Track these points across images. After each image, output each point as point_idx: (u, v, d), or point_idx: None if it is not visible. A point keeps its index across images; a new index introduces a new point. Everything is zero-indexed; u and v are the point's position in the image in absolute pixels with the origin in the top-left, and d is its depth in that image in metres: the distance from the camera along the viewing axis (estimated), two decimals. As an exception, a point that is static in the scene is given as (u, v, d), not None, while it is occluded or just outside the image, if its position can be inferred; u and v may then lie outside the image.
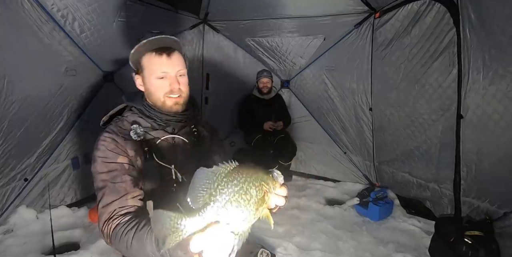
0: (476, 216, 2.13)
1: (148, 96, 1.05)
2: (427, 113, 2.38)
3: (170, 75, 1.01)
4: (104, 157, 0.95)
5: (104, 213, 0.88)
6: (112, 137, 0.98)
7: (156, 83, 1.01)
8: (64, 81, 2.27)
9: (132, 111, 1.07)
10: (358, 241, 2.33)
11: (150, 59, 1.00)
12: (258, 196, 0.57)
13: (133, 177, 0.95)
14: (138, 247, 0.76)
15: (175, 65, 1.01)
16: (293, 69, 3.62)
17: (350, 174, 3.36)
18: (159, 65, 0.99)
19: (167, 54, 1.00)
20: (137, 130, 1.00)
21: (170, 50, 1.01)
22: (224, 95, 3.74)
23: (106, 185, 0.92)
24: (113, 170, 0.94)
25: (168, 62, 1.00)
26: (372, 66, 2.82)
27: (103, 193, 0.91)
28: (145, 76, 1.03)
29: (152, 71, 1.01)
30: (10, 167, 2.15)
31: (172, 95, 1.01)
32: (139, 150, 0.99)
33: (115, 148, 0.97)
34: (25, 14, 1.82)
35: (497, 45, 1.79)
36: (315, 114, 3.59)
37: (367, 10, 2.67)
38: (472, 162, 2.10)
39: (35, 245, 2.09)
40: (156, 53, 0.99)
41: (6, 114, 1.95)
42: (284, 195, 0.63)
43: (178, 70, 1.02)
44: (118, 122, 1.04)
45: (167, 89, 1.01)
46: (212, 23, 3.30)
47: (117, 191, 0.91)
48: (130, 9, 2.30)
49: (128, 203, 0.90)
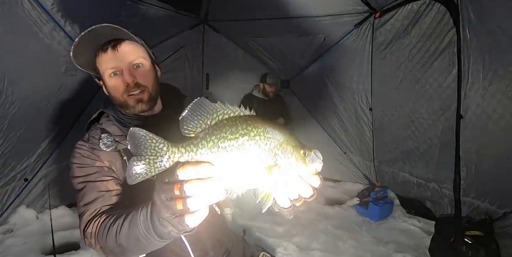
0: (476, 216, 2.13)
1: (112, 100, 0.92)
2: (427, 113, 2.38)
3: (121, 69, 0.87)
4: (80, 163, 0.88)
5: (86, 211, 0.79)
6: (85, 145, 0.91)
7: (110, 83, 0.88)
8: (64, 81, 2.27)
9: (107, 117, 0.96)
10: (358, 241, 2.33)
11: (99, 59, 0.88)
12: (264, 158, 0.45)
13: (114, 178, 0.87)
14: (129, 230, 0.63)
15: (124, 56, 0.87)
16: (293, 69, 3.62)
17: (350, 174, 3.36)
18: (106, 62, 0.87)
19: (112, 46, 0.86)
20: (104, 140, 0.88)
21: (115, 42, 0.87)
22: (224, 95, 3.75)
23: (86, 185, 0.84)
24: (92, 173, 0.86)
25: (114, 55, 0.86)
26: (372, 66, 2.82)
27: (83, 193, 0.83)
28: (103, 79, 0.90)
29: (103, 71, 0.88)
30: (10, 167, 2.15)
31: (132, 92, 0.87)
32: (115, 161, 0.89)
33: (90, 155, 0.89)
34: (25, 14, 1.82)
35: (497, 45, 1.79)
36: (315, 114, 3.59)
37: (367, 10, 2.67)
38: (472, 162, 2.11)
39: (35, 245, 2.09)
40: (100, 50, 0.87)
41: (6, 114, 1.96)
42: (314, 185, 0.49)
43: (130, 61, 0.87)
44: (93, 130, 0.94)
45: (122, 87, 0.87)
46: (212, 23, 3.31)
47: (98, 188, 0.83)
48: (130, 9, 2.30)
49: (113, 200, 0.82)
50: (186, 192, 0.44)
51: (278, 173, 0.46)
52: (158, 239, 0.57)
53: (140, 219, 0.59)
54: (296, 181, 0.48)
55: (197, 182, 0.44)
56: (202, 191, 0.44)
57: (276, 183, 0.47)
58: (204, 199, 0.45)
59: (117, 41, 0.87)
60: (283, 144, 0.46)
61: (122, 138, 0.91)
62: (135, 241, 0.62)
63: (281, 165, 0.46)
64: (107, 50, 0.86)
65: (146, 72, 0.90)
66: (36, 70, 2.06)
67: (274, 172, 0.45)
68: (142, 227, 0.58)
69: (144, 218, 0.58)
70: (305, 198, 0.49)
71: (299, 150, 0.47)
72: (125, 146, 0.89)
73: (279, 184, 0.47)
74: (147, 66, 0.91)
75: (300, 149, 0.47)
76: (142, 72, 0.89)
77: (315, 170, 0.49)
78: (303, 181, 0.48)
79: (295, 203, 0.50)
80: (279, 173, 0.46)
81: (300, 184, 0.48)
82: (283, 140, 0.47)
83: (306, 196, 0.49)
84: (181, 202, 0.45)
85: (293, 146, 0.47)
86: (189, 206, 0.45)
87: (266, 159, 0.45)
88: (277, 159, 0.46)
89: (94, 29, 0.82)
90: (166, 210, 0.48)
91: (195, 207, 0.45)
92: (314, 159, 0.48)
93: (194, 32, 3.25)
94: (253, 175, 0.46)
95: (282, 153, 0.46)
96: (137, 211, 0.61)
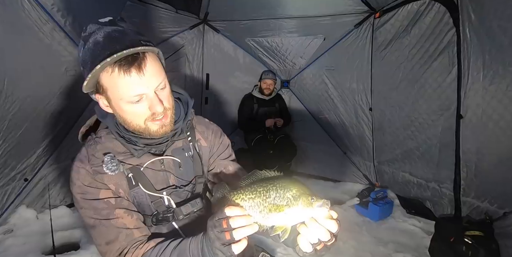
0: (476, 216, 2.13)
1: (121, 122, 0.78)
2: (426, 113, 2.38)
3: (147, 96, 0.72)
4: (82, 193, 0.79)
5: (112, 250, 0.76)
6: (85, 168, 0.80)
7: (131, 109, 0.73)
8: (64, 81, 2.27)
9: (107, 129, 0.85)
10: (358, 241, 2.33)
11: (113, 79, 0.69)
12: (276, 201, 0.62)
13: (125, 209, 0.81)
14: None
15: (150, 81, 0.71)
16: (293, 69, 3.62)
17: (350, 174, 3.36)
18: (129, 87, 0.69)
19: (137, 68, 0.68)
20: (109, 166, 0.77)
21: (138, 59, 0.68)
22: (224, 95, 3.75)
23: (100, 223, 0.78)
24: (100, 208, 0.78)
25: (140, 81, 0.69)
26: (372, 66, 2.82)
27: (99, 232, 0.78)
28: (111, 99, 0.74)
29: (120, 96, 0.71)
30: (10, 167, 2.14)
31: (157, 118, 0.75)
32: (121, 181, 0.82)
33: (92, 183, 0.79)
34: (25, 14, 1.82)
35: (497, 45, 1.79)
36: (315, 114, 3.59)
37: (367, 10, 2.68)
38: (472, 162, 2.11)
39: (35, 245, 2.09)
40: (120, 70, 0.67)
41: (6, 114, 1.95)
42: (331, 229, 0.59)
43: (157, 85, 0.72)
44: (91, 145, 0.82)
45: (147, 114, 0.74)
46: (212, 23, 3.31)
47: (115, 225, 0.77)
48: (131, 9, 2.30)
49: (135, 235, 0.78)
50: (231, 225, 0.60)
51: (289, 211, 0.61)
52: None
53: (190, 252, 0.69)
54: (313, 225, 0.59)
55: (239, 218, 0.61)
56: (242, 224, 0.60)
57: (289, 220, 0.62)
58: (244, 231, 0.61)
59: (141, 58, 0.68)
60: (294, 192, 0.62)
61: (126, 156, 0.82)
62: None
63: (290, 205, 0.61)
64: (131, 72, 0.67)
65: (168, 94, 0.77)
66: (36, 70, 2.06)
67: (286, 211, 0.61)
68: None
69: (194, 250, 0.69)
70: (324, 241, 0.59)
71: (307, 196, 0.61)
72: (130, 165, 0.82)
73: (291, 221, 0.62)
74: (168, 85, 0.77)
75: (309, 196, 0.61)
76: (166, 94, 0.76)
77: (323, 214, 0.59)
78: (319, 226, 0.58)
79: (316, 247, 0.60)
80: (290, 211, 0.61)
81: (317, 228, 0.58)
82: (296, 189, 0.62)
83: (324, 239, 0.58)
84: (228, 234, 0.60)
85: (304, 194, 0.62)
86: (234, 236, 0.60)
87: (279, 201, 0.62)
88: (288, 201, 0.61)
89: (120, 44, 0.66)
90: (218, 241, 0.61)
91: (238, 237, 0.60)
92: (320, 205, 0.59)
93: (194, 32, 3.25)
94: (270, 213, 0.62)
95: (292, 197, 0.61)
96: (186, 244, 0.71)
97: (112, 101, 0.74)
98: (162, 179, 0.87)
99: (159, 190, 0.86)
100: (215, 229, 0.62)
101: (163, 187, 0.87)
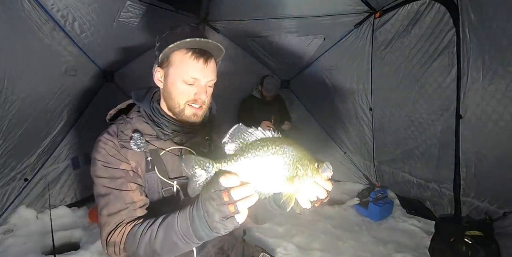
0: (476, 216, 2.14)
1: (165, 96, 0.93)
2: (426, 113, 2.38)
3: (200, 83, 0.89)
4: (105, 162, 0.86)
5: (110, 223, 0.80)
6: (113, 141, 0.88)
7: (181, 87, 0.88)
8: (64, 81, 2.27)
9: (139, 113, 0.95)
10: (358, 241, 2.34)
11: (184, 59, 0.87)
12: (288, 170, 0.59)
13: (138, 185, 0.87)
14: (165, 235, 0.69)
15: (209, 74, 0.89)
16: (293, 69, 3.62)
17: (350, 174, 3.36)
18: (192, 70, 0.87)
19: (205, 59, 0.88)
20: (137, 142, 0.87)
21: (208, 55, 0.89)
22: (224, 95, 3.74)
23: (111, 192, 0.83)
24: (117, 177, 0.85)
25: (203, 69, 0.88)
26: (372, 66, 2.82)
27: (107, 201, 0.83)
28: (170, 74, 0.90)
29: (181, 73, 0.88)
30: (10, 167, 2.14)
31: (194, 104, 0.90)
32: (141, 161, 0.89)
33: (116, 154, 0.87)
34: (25, 14, 1.82)
35: (497, 45, 1.79)
36: (315, 114, 3.59)
37: (367, 10, 2.67)
38: (471, 162, 2.11)
39: (35, 245, 2.09)
40: (193, 55, 0.87)
41: (6, 114, 1.95)
42: (328, 188, 0.63)
43: (210, 80, 0.91)
44: (122, 123, 0.91)
45: (191, 97, 0.89)
46: (212, 23, 3.30)
47: (124, 199, 0.83)
48: (130, 9, 2.30)
49: (137, 213, 0.83)
50: (234, 197, 0.56)
51: (298, 182, 0.60)
52: (197, 241, 0.65)
53: (178, 225, 0.66)
54: (313, 186, 0.62)
55: (241, 188, 0.57)
56: (245, 195, 0.57)
57: (297, 189, 0.61)
58: (248, 202, 0.57)
59: (210, 56, 0.90)
60: (302, 160, 0.61)
61: (152, 138, 0.91)
62: (171, 245, 0.69)
63: (300, 176, 0.60)
64: (200, 60, 0.87)
65: (211, 93, 0.95)
66: (36, 70, 2.06)
67: (295, 181, 0.60)
68: (180, 232, 0.66)
69: (183, 223, 0.65)
70: (321, 199, 0.63)
71: (313, 163, 0.62)
72: (154, 147, 0.90)
73: (299, 189, 0.61)
74: (213, 88, 0.95)
75: (314, 162, 0.62)
76: (210, 91, 0.94)
77: (327, 177, 0.63)
78: (319, 186, 0.62)
79: (314, 204, 0.64)
80: (299, 181, 0.60)
81: (317, 188, 0.62)
82: (302, 156, 0.61)
83: (322, 197, 0.62)
84: (232, 206, 0.57)
85: (309, 160, 0.62)
86: (239, 208, 0.57)
87: (289, 171, 0.60)
88: (298, 171, 0.60)
89: (205, 41, 0.86)
90: (219, 214, 0.58)
91: (243, 209, 0.57)
92: (325, 169, 0.63)
93: (194, 32, 3.25)
94: (279, 183, 0.60)
95: (301, 166, 0.60)
96: (173, 218, 0.69)
97: (170, 76, 0.89)
98: (177, 168, 0.93)
99: (172, 178, 0.91)
100: (213, 202, 0.58)
101: (176, 176, 0.92)
